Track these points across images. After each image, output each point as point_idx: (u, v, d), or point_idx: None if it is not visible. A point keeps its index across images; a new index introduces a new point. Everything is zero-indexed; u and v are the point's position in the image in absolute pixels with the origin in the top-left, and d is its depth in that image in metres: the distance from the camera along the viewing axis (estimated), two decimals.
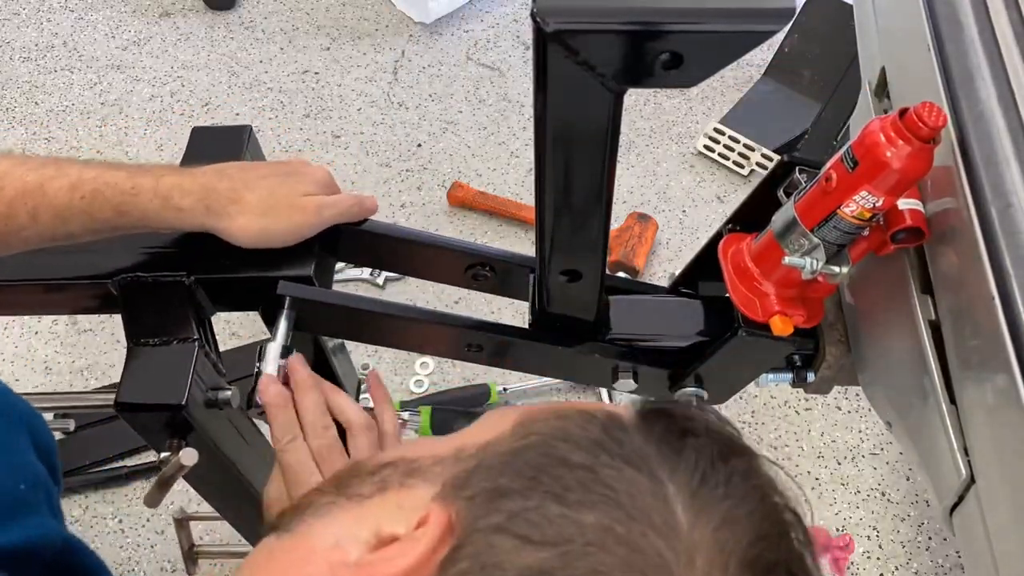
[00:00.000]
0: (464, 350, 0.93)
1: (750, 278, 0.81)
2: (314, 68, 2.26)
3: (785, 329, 0.79)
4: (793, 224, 0.74)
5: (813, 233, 0.73)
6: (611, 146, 0.67)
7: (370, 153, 2.09)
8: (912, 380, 0.78)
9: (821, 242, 0.73)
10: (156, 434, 0.86)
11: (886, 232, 0.73)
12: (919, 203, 0.72)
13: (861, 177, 0.68)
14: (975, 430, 0.68)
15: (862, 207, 0.69)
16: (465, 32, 2.36)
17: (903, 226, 0.71)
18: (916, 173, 0.67)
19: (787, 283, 0.79)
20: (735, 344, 0.83)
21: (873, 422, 1.65)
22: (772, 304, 0.80)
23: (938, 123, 0.64)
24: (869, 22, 0.99)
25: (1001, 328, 0.63)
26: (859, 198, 0.68)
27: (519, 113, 2.16)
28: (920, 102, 0.65)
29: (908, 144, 0.65)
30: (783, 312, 0.80)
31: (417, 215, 1.96)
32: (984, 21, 0.76)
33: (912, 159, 0.66)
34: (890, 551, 1.51)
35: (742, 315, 0.81)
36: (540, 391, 1.69)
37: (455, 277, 0.96)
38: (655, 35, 0.55)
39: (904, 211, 0.72)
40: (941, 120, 0.64)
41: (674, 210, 1.97)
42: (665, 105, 2.17)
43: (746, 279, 0.81)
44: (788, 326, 0.79)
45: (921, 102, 0.65)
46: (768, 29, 0.56)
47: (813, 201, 0.73)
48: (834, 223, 0.71)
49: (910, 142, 0.65)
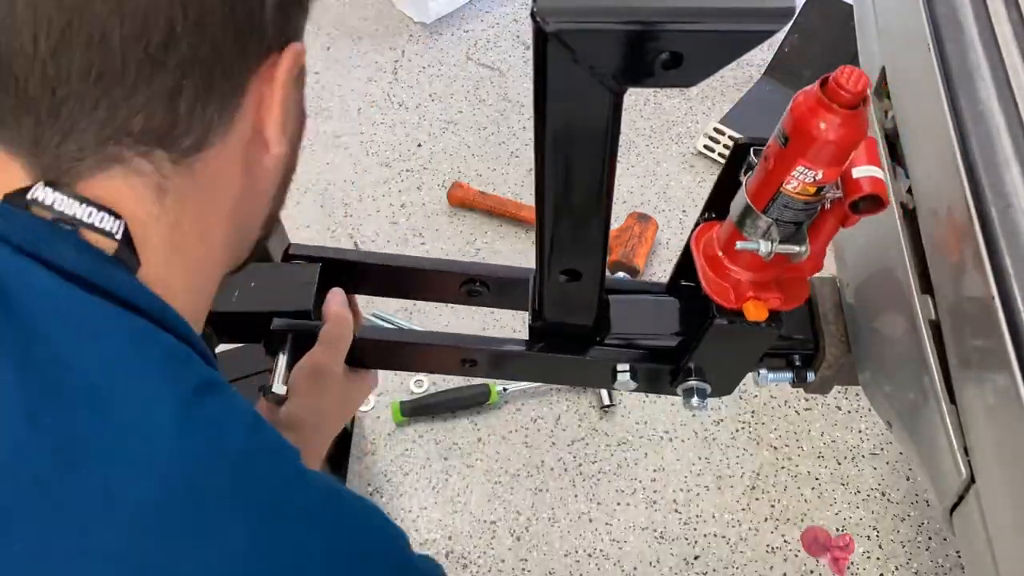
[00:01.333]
0: (461, 366, 0.95)
1: (721, 266, 0.80)
2: (314, 68, 2.26)
3: (759, 314, 0.78)
4: (747, 208, 0.74)
5: (765, 214, 0.72)
6: (611, 146, 0.67)
7: (370, 153, 2.09)
8: (912, 380, 0.78)
9: (775, 222, 0.72)
10: None
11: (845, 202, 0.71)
12: (877, 170, 0.71)
13: (794, 153, 0.66)
14: (975, 430, 0.69)
15: (803, 182, 0.68)
16: (465, 32, 2.36)
17: (861, 194, 0.70)
18: (848, 141, 0.65)
19: (757, 267, 0.78)
20: (713, 333, 0.83)
21: (873, 422, 1.65)
22: (745, 290, 0.79)
23: (859, 87, 0.62)
24: (869, 22, 0.99)
25: (1001, 328, 0.63)
26: (797, 174, 0.67)
27: (519, 113, 2.16)
28: (839, 68, 0.64)
29: (833, 113, 0.64)
30: (756, 297, 0.79)
31: (417, 215, 1.96)
32: (984, 21, 0.76)
33: (841, 128, 0.64)
34: (890, 551, 1.51)
35: (715, 304, 0.81)
36: (538, 392, 1.69)
37: (451, 295, 0.99)
38: (655, 35, 0.55)
39: (861, 179, 0.69)
40: (862, 84, 0.62)
41: (674, 210, 1.97)
42: (665, 105, 2.18)
43: (717, 267, 0.80)
44: (762, 311, 0.78)
45: (839, 68, 0.64)
46: (768, 29, 0.56)
47: (759, 182, 0.72)
48: (781, 202, 0.70)
49: (834, 111, 0.64)
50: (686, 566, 1.50)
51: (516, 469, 1.60)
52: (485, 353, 0.94)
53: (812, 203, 0.70)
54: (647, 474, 1.60)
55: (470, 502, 1.56)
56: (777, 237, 0.73)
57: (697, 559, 1.50)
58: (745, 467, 1.61)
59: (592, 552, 1.51)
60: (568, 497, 1.57)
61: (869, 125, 0.65)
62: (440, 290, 0.99)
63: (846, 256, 0.99)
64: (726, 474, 1.60)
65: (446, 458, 1.61)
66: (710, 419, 1.66)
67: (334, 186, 2.02)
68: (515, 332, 1.74)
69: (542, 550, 1.51)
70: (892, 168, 0.87)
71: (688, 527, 1.53)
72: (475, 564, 1.49)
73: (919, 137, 0.83)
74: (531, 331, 0.92)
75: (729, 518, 1.55)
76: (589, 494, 1.57)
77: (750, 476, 1.59)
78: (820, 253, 0.77)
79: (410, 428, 1.64)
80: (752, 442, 1.64)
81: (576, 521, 1.54)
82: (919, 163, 0.83)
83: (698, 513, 1.55)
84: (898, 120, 0.88)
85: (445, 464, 1.60)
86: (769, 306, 0.79)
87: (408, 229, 1.94)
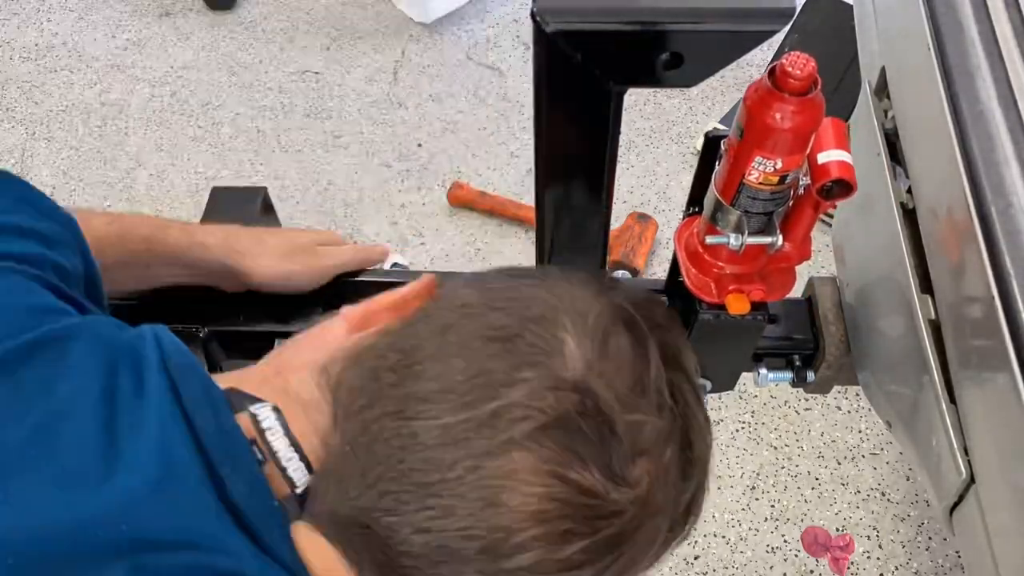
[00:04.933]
0: None
1: (702, 261, 0.80)
2: (314, 68, 2.26)
3: (741, 307, 0.78)
4: (717, 202, 0.74)
5: (733, 207, 0.72)
6: (611, 146, 0.67)
7: (370, 153, 2.09)
8: (912, 380, 0.78)
9: (744, 214, 0.72)
10: None
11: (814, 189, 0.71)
12: (845, 153, 0.70)
13: (750, 143, 0.66)
14: (975, 430, 0.68)
15: (763, 172, 0.67)
16: (465, 32, 2.36)
17: (827, 179, 0.69)
18: (803, 128, 0.64)
19: (736, 260, 0.78)
20: (699, 328, 0.83)
21: (873, 422, 1.65)
22: (727, 283, 0.79)
23: (807, 71, 0.62)
24: (869, 22, 0.99)
25: (1001, 328, 0.63)
26: (756, 164, 0.67)
27: (519, 113, 2.16)
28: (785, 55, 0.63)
29: (783, 102, 0.63)
30: (738, 290, 0.79)
31: (417, 215, 1.96)
32: (984, 21, 0.76)
33: (793, 115, 0.64)
34: (890, 551, 1.51)
35: (698, 299, 0.81)
36: None
37: None
38: (655, 35, 0.55)
39: (828, 164, 0.68)
40: (809, 68, 0.62)
41: (674, 210, 1.97)
42: (665, 105, 2.18)
43: (699, 262, 0.80)
44: (743, 303, 0.78)
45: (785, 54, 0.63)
46: (768, 29, 0.56)
47: (723, 176, 0.72)
48: (747, 193, 0.70)
49: (785, 100, 0.63)
50: (686, 566, 1.50)
51: None
52: None
53: (779, 192, 0.70)
54: None
55: None
56: (747, 229, 0.73)
57: (697, 559, 1.50)
58: (745, 467, 1.61)
59: None
60: None
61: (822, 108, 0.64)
62: None
63: (846, 256, 0.99)
64: (726, 474, 1.59)
65: None
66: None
67: (334, 186, 2.02)
68: None
69: None
70: (892, 168, 0.87)
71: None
72: None
73: (919, 137, 0.83)
74: None
75: (729, 518, 1.55)
76: None
77: (750, 476, 1.59)
78: (804, 241, 0.76)
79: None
80: (752, 442, 1.64)
81: None
82: (919, 163, 0.82)
83: None
84: (898, 120, 0.88)
85: None
86: (752, 298, 0.78)
87: (408, 229, 1.94)
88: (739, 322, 0.81)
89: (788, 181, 0.68)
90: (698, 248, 0.80)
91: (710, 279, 0.80)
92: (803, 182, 0.71)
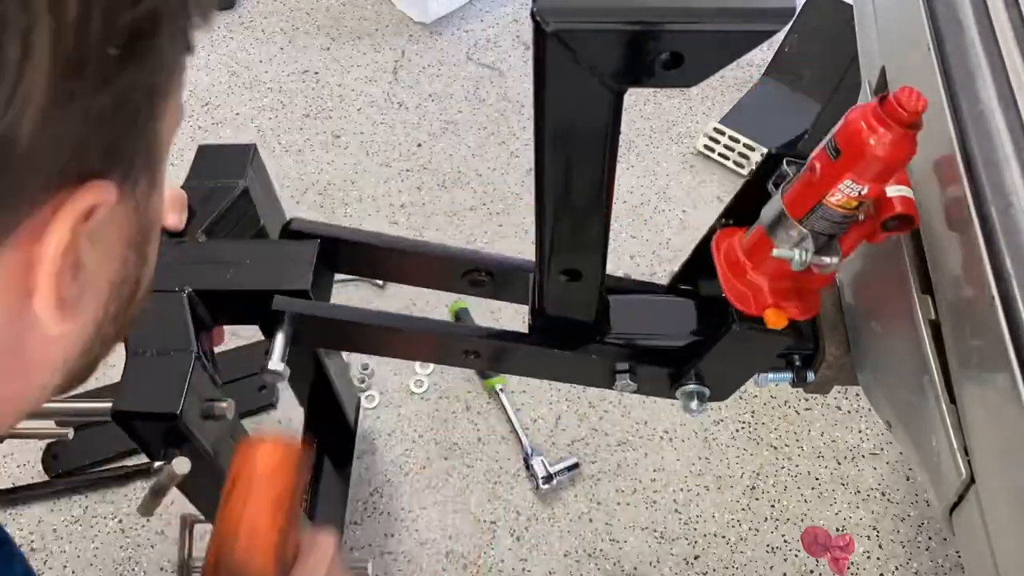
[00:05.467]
0: (462, 357, 0.94)
1: (743, 272, 0.81)
2: (314, 68, 2.26)
3: (779, 322, 0.79)
4: (782, 216, 0.74)
5: (801, 224, 0.73)
6: (611, 146, 0.67)
7: (370, 153, 2.09)
8: (912, 380, 0.78)
9: (810, 232, 0.73)
10: (152, 443, 0.86)
11: (876, 220, 0.73)
12: (908, 190, 0.72)
13: (844, 166, 0.67)
14: (975, 430, 0.68)
15: (847, 195, 0.69)
16: (465, 32, 2.36)
17: (892, 213, 0.71)
18: (898, 159, 0.66)
19: (779, 275, 0.79)
20: (730, 339, 0.83)
21: (873, 422, 1.65)
22: (766, 297, 0.80)
23: (918, 107, 0.63)
24: (869, 22, 0.99)
25: (1001, 328, 0.63)
26: (844, 187, 0.68)
27: (519, 113, 2.16)
28: (900, 87, 0.65)
29: (888, 131, 0.65)
30: (776, 305, 0.79)
31: (417, 215, 1.96)
32: (984, 21, 0.76)
33: (893, 145, 0.65)
34: (890, 551, 1.51)
35: (736, 310, 0.81)
36: (538, 392, 1.69)
37: (453, 283, 0.97)
38: (655, 35, 0.55)
39: (893, 198, 0.71)
40: (921, 105, 0.64)
41: (674, 210, 1.97)
42: (665, 105, 2.17)
43: (739, 273, 0.81)
44: (782, 319, 0.79)
45: (900, 87, 0.65)
46: (768, 29, 0.56)
47: (800, 192, 0.72)
48: (821, 213, 0.71)
49: (891, 128, 0.65)
50: (686, 566, 1.50)
51: (516, 469, 1.60)
52: (487, 344, 0.94)
53: (849, 216, 0.71)
54: (647, 474, 1.59)
55: (470, 502, 1.56)
56: (811, 248, 0.73)
57: (697, 559, 1.50)
58: (745, 467, 1.61)
59: (592, 552, 1.51)
60: (568, 497, 1.57)
61: (916, 145, 0.66)
62: (442, 277, 0.97)
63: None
64: (726, 474, 1.60)
65: (446, 458, 1.61)
66: (710, 419, 1.66)
67: (334, 186, 2.02)
68: None
69: (542, 550, 1.51)
70: None
71: (688, 527, 1.53)
72: (475, 564, 1.49)
73: (919, 137, 0.83)
74: (531, 330, 0.91)
75: (729, 518, 1.55)
76: (589, 494, 1.57)
77: (750, 476, 1.59)
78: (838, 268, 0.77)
79: (410, 428, 1.64)
80: (752, 442, 1.64)
81: (576, 521, 1.54)
82: (919, 163, 0.82)
83: (698, 513, 1.55)
84: None
85: (445, 464, 1.60)
86: (788, 315, 0.79)
87: (408, 229, 1.94)
88: (770, 337, 0.81)
89: (863, 207, 0.70)
90: (739, 258, 0.80)
91: (749, 291, 0.80)
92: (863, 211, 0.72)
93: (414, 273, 0.99)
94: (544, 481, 1.53)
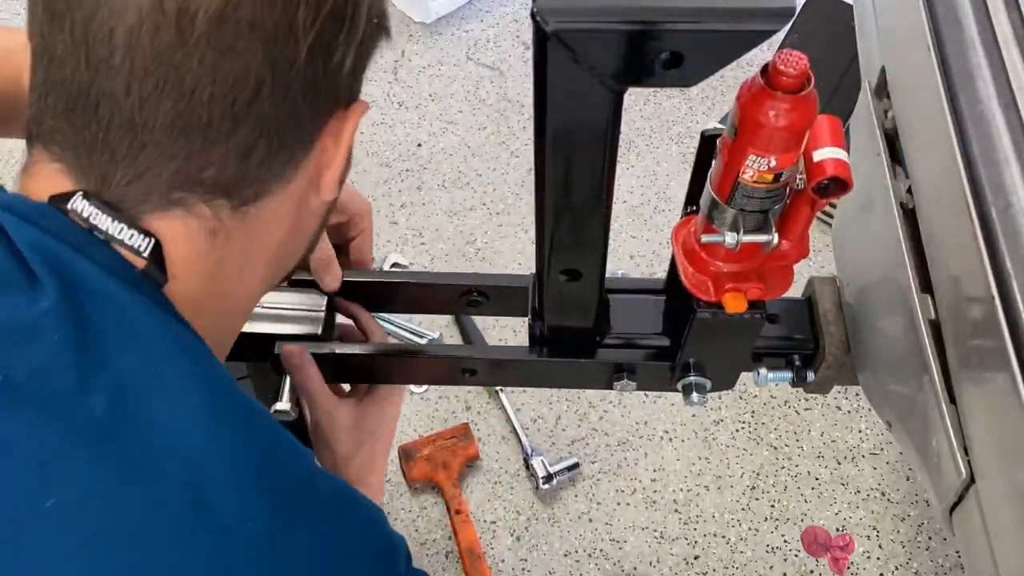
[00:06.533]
0: (461, 376, 0.96)
1: (700, 259, 0.80)
2: None
3: (738, 306, 0.78)
4: (713, 200, 0.73)
5: (729, 205, 0.72)
6: (611, 146, 0.67)
7: (370, 153, 2.09)
8: (912, 380, 0.78)
9: (740, 212, 0.72)
10: None
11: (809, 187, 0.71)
12: (842, 151, 0.70)
13: (744, 142, 0.66)
14: (975, 430, 0.68)
15: (758, 171, 0.67)
16: (465, 32, 2.36)
17: (823, 177, 0.69)
18: (796, 125, 0.64)
19: (734, 258, 0.78)
20: (697, 328, 0.83)
21: (873, 422, 1.65)
22: (724, 281, 0.79)
23: (799, 68, 0.62)
24: (869, 22, 0.99)
25: (1001, 328, 0.63)
26: (751, 162, 0.67)
27: (519, 113, 2.16)
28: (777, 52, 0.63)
29: (776, 99, 0.63)
30: (735, 288, 0.78)
31: (417, 215, 1.96)
32: (984, 21, 0.76)
33: (786, 113, 0.64)
34: (890, 551, 1.51)
35: (695, 298, 0.81)
36: (538, 392, 1.69)
37: (451, 306, 0.99)
38: (655, 34, 0.55)
39: (824, 162, 0.68)
40: (802, 65, 0.62)
41: (674, 210, 1.97)
42: (665, 105, 2.18)
43: (697, 261, 0.80)
44: (740, 302, 0.78)
45: (778, 52, 0.63)
46: (768, 29, 0.56)
47: (719, 175, 0.72)
48: (742, 192, 0.69)
49: (778, 97, 0.63)
50: (686, 566, 1.50)
51: (516, 469, 1.60)
52: (484, 362, 0.95)
53: (774, 190, 0.69)
54: (647, 474, 1.60)
55: (470, 502, 1.56)
56: (743, 227, 0.72)
57: (697, 559, 1.50)
58: (745, 467, 1.61)
59: (592, 552, 1.51)
60: (568, 497, 1.57)
61: (815, 105, 0.64)
62: (440, 302, 1.00)
63: (846, 256, 0.99)
64: (726, 474, 1.60)
65: None
66: (710, 419, 1.66)
67: None
68: (515, 332, 1.74)
69: (542, 550, 1.51)
70: (892, 168, 0.87)
71: (688, 527, 1.53)
72: None
73: (919, 137, 0.83)
74: (531, 333, 0.92)
75: (729, 518, 1.55)
76: (589, 494, 1.57)
77: (750, 476, 1.59)
78: (801, 239, 0.76)
79: (410, 428, 1.64)
80: (752, 442, 1.64)
81: (576, 521, 1.54)
82: (919, 163, 0.82)
83: (698, 513, 1.55)
84: (898, 120, 0.88)
85: None
86: (749, 296, 0.78)
87: (408, 229, 1.94)
88: (736, 320, 0.81)
89: (783, 179, 0.68)
90: (695, 247, 0.79)
91: (707, 277, 0.80)
92: (800, 180, 0.71)
93: (412, 302, 1.03)
94: (544, 481, 1.54)
